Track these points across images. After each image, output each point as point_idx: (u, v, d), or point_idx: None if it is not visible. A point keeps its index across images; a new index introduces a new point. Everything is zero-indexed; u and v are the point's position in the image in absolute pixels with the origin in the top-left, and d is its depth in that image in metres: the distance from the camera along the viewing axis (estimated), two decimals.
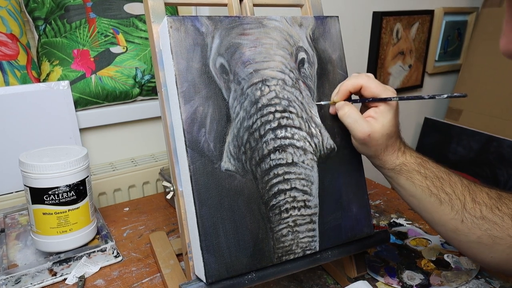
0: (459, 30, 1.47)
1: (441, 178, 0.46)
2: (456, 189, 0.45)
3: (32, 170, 0.55)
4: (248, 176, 0.45)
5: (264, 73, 0.47)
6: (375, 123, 0.46)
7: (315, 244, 0.48)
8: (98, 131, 0.86)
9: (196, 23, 0.44)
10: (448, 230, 0.46)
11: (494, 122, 1.33)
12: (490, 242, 0.43)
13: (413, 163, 0.47)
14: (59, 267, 0.57)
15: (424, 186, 0.46)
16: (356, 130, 0.46)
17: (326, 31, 0.52)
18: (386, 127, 0.46)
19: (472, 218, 0.44)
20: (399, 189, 0.49)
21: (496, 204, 0.44)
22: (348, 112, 0.47)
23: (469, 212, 0.44)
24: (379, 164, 0.49)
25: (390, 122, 0.46)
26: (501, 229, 0.43)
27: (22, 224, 0.69)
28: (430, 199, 0.46)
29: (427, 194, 0.46)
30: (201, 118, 0.43)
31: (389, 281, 0.56)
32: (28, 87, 0.75)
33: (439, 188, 0.46)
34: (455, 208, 0.45)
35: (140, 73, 0.84)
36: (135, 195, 0.86)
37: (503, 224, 0.43)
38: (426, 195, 0.46)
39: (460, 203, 0.45)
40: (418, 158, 0.48)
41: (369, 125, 0.46)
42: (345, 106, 0.47)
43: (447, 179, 0.46)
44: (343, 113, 0.47)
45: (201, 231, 0.42)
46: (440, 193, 0.45)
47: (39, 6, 0.81)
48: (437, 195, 0.45)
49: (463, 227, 0.44)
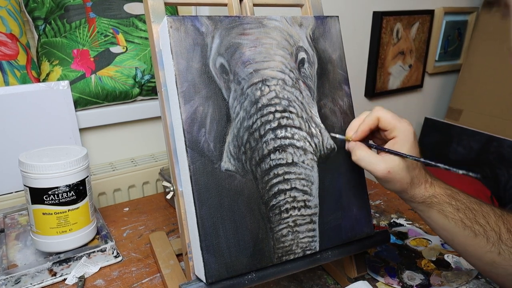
0: (459, 30, 1.47)
1: (473, 209, 0.44)
2: (490, 220, 0.43)
3: (32, 170, 0.55)
4: (248, 176, 0.45)
5: (264, 73, 0.46)
6: (393, 157, 0.44)
7: (315, 244, 0.48)
8: (98, 131, 0.86)
9: (196, 23, 0.44)
10: (484, 263, 0.44)
11: (494, 122, 1.33)
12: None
13: (443, 194, 0.45)
14: (59, 267, 0.57)
15: (457, 218, 0.44)
16: (374, 171, 0.45)
17: (326, 31, 0.52)
18: (405, 159, 0.44)
19: (509, 250, 0.42)
20: (430, 223, 0.47)
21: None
22: (361, 156, 0.45)
23: (505, 244, 0.42)
24: (408, 198, 0.46)
25: (408, 153, 0.44)
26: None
27: (22, 224, 0.69)
28: (464, 232, 0.44)
29: (461, 227, 0.44)
30: (201, 118, 0.43)
31: (389, 281, 0.56)
32: (27, 87, 0.75)
33: (472, 220, 0.44)
34: (491, 240, 0.43)
35: (140, 73, 0.84)
36: (135, 195, 0.86)
37: None
38: (459, 228, 0.44)
39: (496, 235, 0.43)
40: (448, 190, 0.46)
41: (385, 162, 0.44)
42: (357, 151, 0.46)
43: (479, 209, 0.44)
44: (356, 158, 0.46)
45: (201, 231, 0.42)
46: (474, 225, 0.44)
47: (38, 6, 0.80)
48: (471, 227, 0.44)
49: (500, 260, 0.43)
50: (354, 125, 0.48)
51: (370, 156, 0.45)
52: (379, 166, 0.44)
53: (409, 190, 0.45)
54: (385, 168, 0.44)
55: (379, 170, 0.44)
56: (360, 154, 0.46)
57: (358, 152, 0.46)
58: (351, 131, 0.48)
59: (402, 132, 0.45)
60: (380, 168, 0.44)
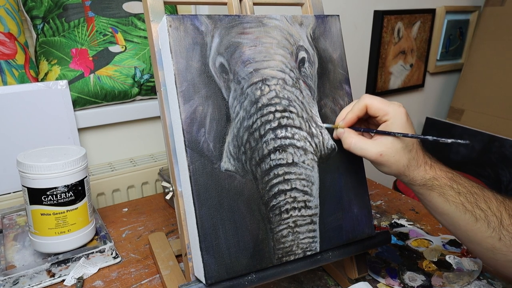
0: (461, 29, 1.47)
1: (475, 193, 0.44)
2: (491, 205, 0.43)
3: (30, 171, 0.55)
4: (248, 176, 0.44)
5: (264, 72, 0.46)
6: (385, 140, 0.44)
7: (316, 245, 0.48)
8: (96, 131, 0.86)
9: (196, 22, 0.44)
10: (484, 249, 0.44)
11: (496, 122, 1.32)
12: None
13: (444, 177, 0.44)
14: (57, 268, 0.57)
15: (458, 202, 0.43)
16: (367, 155, 0.44)
17: (326, 30, 0.51)
18: (398, 140, 0.44)
19: (510, 235, 0.42)
20: (430, 207, 0.46)
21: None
22: (352, 143, 0.45)
23: (506, 229, 0.42)
24: (408, 181, 0.46)
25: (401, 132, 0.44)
26: None
27: (20, 225, 0.69)
28: (465, 216, 0.43)
29: (462, 211, 0.43)
30: (200, 118, 0.43)
31: (390, 282, 0.55)
32: (26, 86, 0.74)
33: (473, 204, 0.43)
34: (492, 225, 0.42)
35: (139, 73, 0.84)
36: (134, 195, 0.86)
37: None
38: (460, 213, 0.43)
39: (497, 220, 0.42)
40: (449, 173, 0.45)
41: (377, 145, 0.44)
42: (347, 138, 0.46)
43: (481, 194, 0.44)
44: (348, 145, 0.46)
45: (200, 232, 0.42)
46: (475, 209, 0.43)
47: (37, 5, 0.80)
48: (472, 211, 0.43)
49: (500, 245, 0.42)
50: (343, 114, 0.48)
51: (361, 141, 0.45)
52: (370, 150, 0.44)
53: (408, 173, 0.45)
54: (376, 151, 0.44)
55: (371, 154, 0.44)
56: (351, 140, 0.46)
57: (348, 139, 0.46)
58: (340, 119, 0.48)
59: (392, 115, 0.44)
60: (372, 152, 0.44)
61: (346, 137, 0.46)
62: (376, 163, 0.45)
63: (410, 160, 0.44)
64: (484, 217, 0.43)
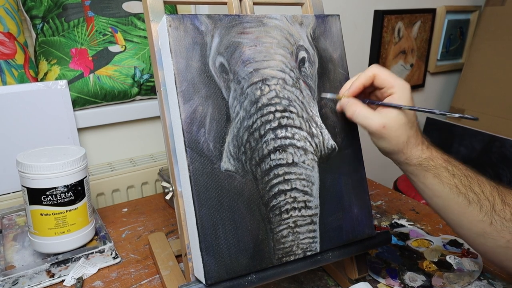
0: (461, 29, 1.47)
1: (469, 176, 0.44)
2: (485, 189, 0.43)
3: (29, 171, 0.55)
4: (248, 176, 0.44)
5: (264, 72, 0.46)
6: (389, 113, 0.43)
7: (316, 245, 0.47)
8: (96, 131, 0.85)
9: (196, 21, 0.44)
10: (475, 233, 0.44)
11: (496, 122, 1.32)
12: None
13: (439, 158, 0.44)
14: (57, 269, 0.57)
15: (452, 184, 0.43)
16: (370, 125, 0.43)
17: (327, 29, 0.51)
18: (402, 114, 0.43)
19: (501, 220, 0.42)
20: (424, 190, 0.46)
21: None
22: (356, 111, 0.44)
23: (498, 214, 0.42)
24: (404, 160, 0.45)
25: None
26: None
27: (20, 225, 0.69)
28: (458, 199, 0.43)
29: (455, 193, 0.43)
30: (200, 118, 0.43)
31: (391, 283, 0.55)
32: (25, 86, 0.74)
33: (467, 187, 0.43)
34: (484, 209, 0.42)
35: (139, 72, 0.84)
36: (133, 195, 0.86)
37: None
38: (454, 195, 0.43)
39: (489, 204, 0.42)
40: (444, 155, 0.45)
41: (382, 116, 0.43)
42: (352, 106, 0.45)
43: (475, 178, 0.44)
44: (351, 113, 0.45)
45: (200, 232, 0.41)
46: (468, 192, 0.43)
47: (36, 5, 0.80)
48: (466, 194, 0.43)
49: (491, 230, 0.42)
50: (347, 84, 0.47)
51: (365, 110, 0.44)
52: (374, 120, 0.43)
53: (406, 150, 0.44)
54: (380, 122, 0.43)
55: (374, 124, 0.43)
56: (355, 108, 0.45)
57: (353, 106, 0.45)
58: (345, 89, 0.47)
59: (399, 89, 0.44)
60: (375, 122, 0.43)
61: (350, 105, 0.45)
62: (377, 135, 0.44)
63: (409, 138, 0.44)
64: (477, 201, 0.43)
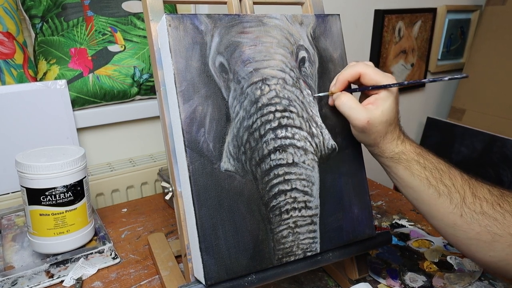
0: (462, 28, 1.46)
1: (441, 169, 0.45)
2: (455, 182, 0.44)
3: (28, 171, 0.55)
4: (248, 176, 0.44)
5: (264, 72, 0.46)
6: (374, 110, 0.45)
7: (316, 246, 0.47)
8: (95, 131, 0.85)
9: (195, 21, 0.43)
10: (446, 225, 0.45)
11: (497, 122, 1.32)
12: (489, 239, 0.42)
13: (412, 152, 0.46)
14: (56, 269, 0.56)
15: (422, 176, 0.45)
16: (354, 117, 0.45)
17: (327, 29, 0.51)
18: (385, 113, 0.45)
19: (471, 213, 0.43)
20: (396, 179, 0.48)
21: (498, 200, 0.43)
22: (344, 101, 0.46)
23: (468, 207, 0.43)
24: (378, 153, 0.48)
25: (389, 108, 0.45)
26: (502, 226, 0.42)
27: (19, 225, 0.69)
28: (429, 190, 0.45)
29: (426, 185, 0.45)
30: (200, 118, 0.42)
31: (391, 283, 0.55)
32: (24, 86, 0.74)
33: (438, 179, 0.44)
34: (454, 201, 0.44)
35: (139, 72, 0.83)
36: (133, 196, 0.85)
37: (504, 221, 0.42)
38: (424, 187, 0.45)
39: (460, 197, 0.43)
40: (418, 148, 0.47)
41: (367, 112, 0.45)
42: (341, 96, 0.47)
43: (447, 171, 0.45)
44: (340, 102, 0.46)
45: (200, 232, 0.41)
46: (439, 184, 0.44)
47: (35, 4, 0.80)
48: (436, 186, 0.44)
49: (462, 222, 0.43)
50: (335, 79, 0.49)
51: (354, 102, 0.46)
52: (360, 114, 0.45)
53: (381, 144, 0.46)
54: (365, 117, 0.45)
55: (358, 119, 0.45)
56: (345, 98, 0.46)
57: (343, 97, 0.46)
58: (333, 85, 0.49)
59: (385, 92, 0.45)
60: (361, 115, 0.45)
61: (339, 96, 0.47)
62: (360, 128, 0.46)
63: (387, 133, 0.46)
64: (447, 193, 0.44)
